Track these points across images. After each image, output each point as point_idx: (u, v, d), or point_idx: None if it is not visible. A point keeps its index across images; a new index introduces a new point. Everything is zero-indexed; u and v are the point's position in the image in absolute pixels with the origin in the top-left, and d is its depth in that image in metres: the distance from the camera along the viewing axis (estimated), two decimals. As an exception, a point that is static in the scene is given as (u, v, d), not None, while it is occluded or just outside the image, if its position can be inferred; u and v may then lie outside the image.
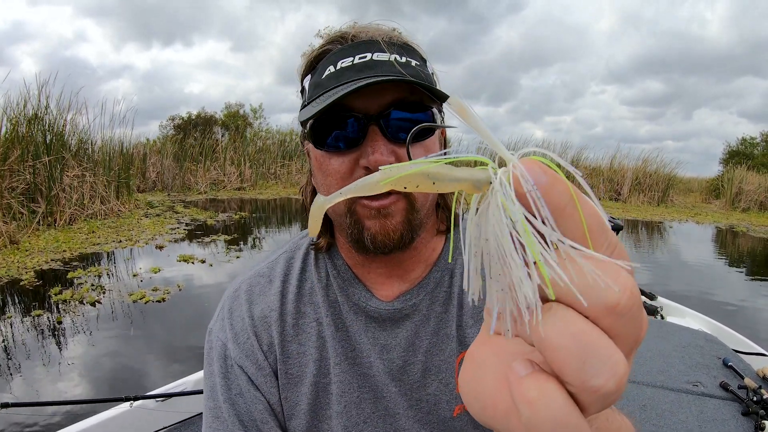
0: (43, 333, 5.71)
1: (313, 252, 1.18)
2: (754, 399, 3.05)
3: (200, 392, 2.89)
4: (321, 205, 0.45)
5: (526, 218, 0.34)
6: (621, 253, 0.37)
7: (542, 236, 0.35)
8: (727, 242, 15.64)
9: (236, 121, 31.78)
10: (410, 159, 0.39)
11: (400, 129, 0.95)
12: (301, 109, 1.05)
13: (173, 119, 30.94)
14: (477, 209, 0.38)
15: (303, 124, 1.04)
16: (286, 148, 27.26)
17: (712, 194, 27.87)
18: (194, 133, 27.10)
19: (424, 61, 1.05)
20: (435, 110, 0.99)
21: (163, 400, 2.86)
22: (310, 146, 1.05)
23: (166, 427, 2.88)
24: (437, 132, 1.03)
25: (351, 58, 0.96)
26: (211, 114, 31.73)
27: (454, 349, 1.10)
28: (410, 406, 1.09)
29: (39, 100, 12.36)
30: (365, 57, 0.96)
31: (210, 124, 30.34)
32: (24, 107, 12.19)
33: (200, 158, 23.17)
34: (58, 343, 5.45)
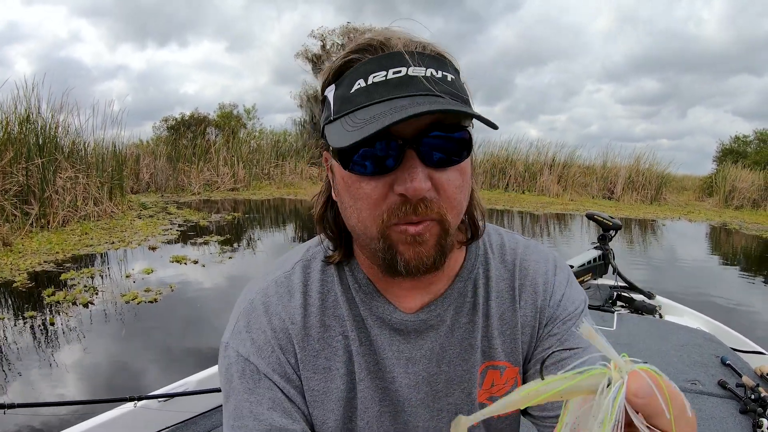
0: (35, 334, 5.69)
1: (333, 264, 1.11)
2: (752, 397, 3.06)
3: (202, 392, 2.93)
4: (465, 424, 0.49)
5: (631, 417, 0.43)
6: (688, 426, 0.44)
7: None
8: (720, 240, 15.72)
9: (230, 121, 31.71)
10: (542, 378, 0.44)
11: (436, 151, 0.89)
12: (324, 123, 0.97)
13: (166, 120, 30.87)
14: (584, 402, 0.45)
15: (324, 136, 0.96)
16: (279, 149, 27.26)
17: (706, 192, 27.97)
18: (187, 134, 27.02)
19: (457, 72, 0.97)
20: (470, 130, 0.94)
21: (165, 400, 2.87)
22: (334, 163, 0.98)
23: (168, 427, 2.89)
24: (472, 153, 0.96)
25: (384, 72, 0.88)
26: (204, 115, 31.67)
27: (478, 359, 1.08)
28: (431, 417, 1.07)
29: (29, 101, 12.33)
30: (400, 72, 0.88)
31: (203, 124, 30.24)
32: (15, 108, 12.17)
33: (193, 159, 23.12)
34: (50, 344, 5.43)
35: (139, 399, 2.78)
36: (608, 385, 0.43)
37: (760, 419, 2.86)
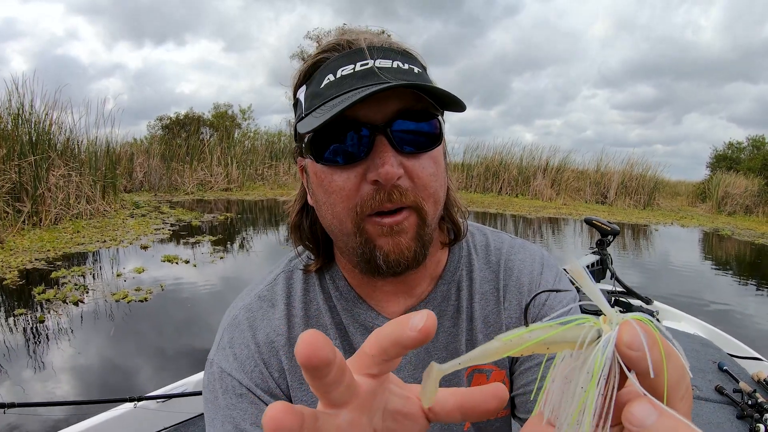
0: (24, 332, 5.66)
1: (314, 273, 1.11)
2: (749, 402, 3.06)
3: (201, 393, 2.91)
4: (437, 374, 0.46)
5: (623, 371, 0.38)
6: (689, 399, 0.39)
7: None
8: (712, 245, 15.75)
9: (224, 121, 31.65)
10: (527, 325, 0.41)
11: (407, 138, 0.89)
12: (297, 122, 0.98)
13: (161, 119, 30.82)
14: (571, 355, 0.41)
15: (300, 138, 0.97)
16: (273, 149, 27.22)
17: (699, 198, 28.09)
18: (181, 134, 26.99)
19: (424, 68, 0.99)
20: (441, 119, 0.94)
21: (164, 401, 2.89)
22: (307, 162, 0.98)
23: (167, 428, 2.91)
24: (443, 140, 0.97)
25: (352, 66, 0.90)
26: (198, 114, 31.61)
27: None
28: None
29: (21, 98, 12.27)
30: (367, 64, 0.90)
31: (198, 124, 30.19)
32: (9, 105, 12.12)
33: (187, 159, 23.07)
34: (39, 342, 5.40)
35: (139, 399, 2.81)
36: (598, 338, 0.39)
37: (757, 425, 2.86)
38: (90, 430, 2.58)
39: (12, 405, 2.70)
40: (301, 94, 0.97)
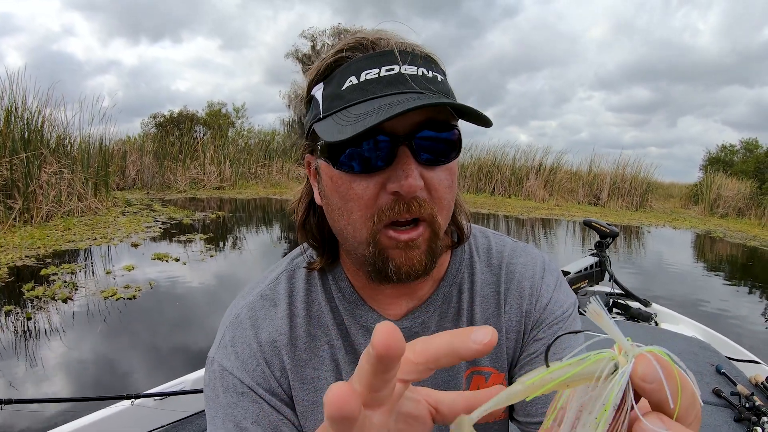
0: (14, 329, 5.64)
1: (317, 272, 1.10)
2: (747, 405, 3.05)
3: (198, 391, 2.94)
4: (469, 425, 0.45)
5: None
6: (697, 423, 0.40)
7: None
8: (703, 247, 15.83)
9: (218, 120, 31.65)
10: (547, 366, 0.42)
11: (428, 149, 0.88)
12: (313, 122, 0.94)
13: (155, 117, 30.80)
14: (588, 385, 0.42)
15: (313, 137, 0.95)
16: (267, 149, 27.21)
17: (691, 200, 28.22)
18: (174, 131, 26.96)
19: (444, 74, 0.97)
20: (458, 129, 0.92)
21: (162, 399, 2.89)
22: (321, 163, 0.95)
23: (164, 426, 2.91)
24: (460, 153, 0.95)
25: (377, 69, 0.87)
26: (192, 112, 31.58)
27: (463, 364, 1.06)
28: None
29: (14, 94, 12.22)
30: (393, 69, 0.87)
31: (191, 122, 30.17)
32: (1, 101, 12.06)
33: (180, 157, 23.03)
34: (27, 339, 5.40)
35: (137, 397, 2.80)
36: (615, 371, 0.39)
37: (755, 427, 2.86)
38: (87, 427, 2.58)
39: (9, 401, 2.66)
40: (318, 93, 0.94)
